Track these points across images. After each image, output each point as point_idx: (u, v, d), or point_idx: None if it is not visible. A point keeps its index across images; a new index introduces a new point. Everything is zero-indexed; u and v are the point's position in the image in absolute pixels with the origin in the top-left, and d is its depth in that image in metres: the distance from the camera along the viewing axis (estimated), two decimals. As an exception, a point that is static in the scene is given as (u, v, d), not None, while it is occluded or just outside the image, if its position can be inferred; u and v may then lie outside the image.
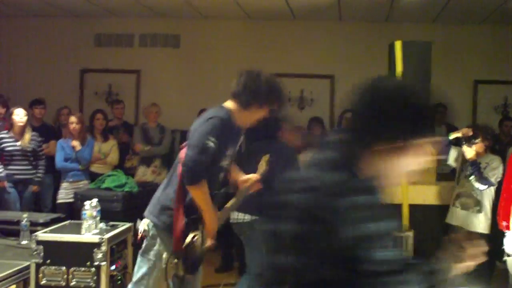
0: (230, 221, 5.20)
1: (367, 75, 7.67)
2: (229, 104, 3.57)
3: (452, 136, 5.93)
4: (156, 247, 3.54)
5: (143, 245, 3.61)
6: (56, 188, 7.28)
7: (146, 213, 3.66)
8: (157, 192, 3.71)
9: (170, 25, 9.73)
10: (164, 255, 3.51)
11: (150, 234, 3.56)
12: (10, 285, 3.98)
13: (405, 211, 6.03)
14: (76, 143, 7.05)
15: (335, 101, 9.42)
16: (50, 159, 7.25)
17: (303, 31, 9.54)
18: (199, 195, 3.41)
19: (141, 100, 9.64)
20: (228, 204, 3.89)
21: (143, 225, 3.59)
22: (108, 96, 9.76)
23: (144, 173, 7.61)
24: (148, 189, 5.91)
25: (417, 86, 1.81)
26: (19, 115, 6.98)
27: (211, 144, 3.33)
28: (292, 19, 9.39)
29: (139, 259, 3.63)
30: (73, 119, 7.15)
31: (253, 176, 3.99)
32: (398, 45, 6.13)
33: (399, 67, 6.16)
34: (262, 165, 4.09)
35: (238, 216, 5.05)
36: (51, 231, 4.40)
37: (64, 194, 7.01)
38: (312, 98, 9.55)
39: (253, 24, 9.60)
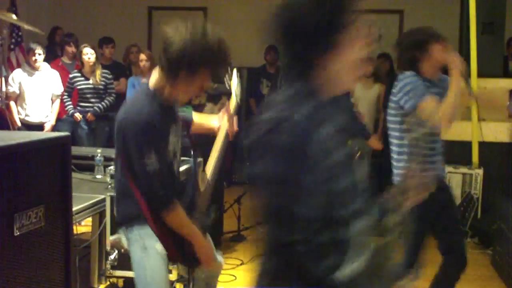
0: None
1: (437, 9, 7.55)
2: (155, 79, 2.85)
3: None
4: (140, 243, 2.82)
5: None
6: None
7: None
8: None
9: (236, -39, 9.66)
10: (155, 244, 2.81)
11: (128, 236, 2.88)
12: (87, 217, 4.16)
13: (475, 149, 5.93)
14: (146, 81, 7.17)
15: (405, 37, 9.20)
16: (121, 96, 7.40)
17: (372, -36, 9.29)
18: (176, 221, 2.75)
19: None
20: (210, 165, 3.17)
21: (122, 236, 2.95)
22: (176, 34, 9.82)
23: (212, 110, 7.66)
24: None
25: None
26: (88, 54, 7.11)
27: (153, 162, 2.63)
28: (361, -48, 9.14)
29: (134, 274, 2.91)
30: (143, 56, 7.25)
31: (222, 119, 3.24)
32: (472, -23, 5.91)
33: (472, 1, 5.96)
34: (232, 101, 3.25)
35: None
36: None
37: None
38: (380, 34, 9.33)
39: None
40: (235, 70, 3.39)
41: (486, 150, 6.00)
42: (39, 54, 6.88)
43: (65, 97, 7.20)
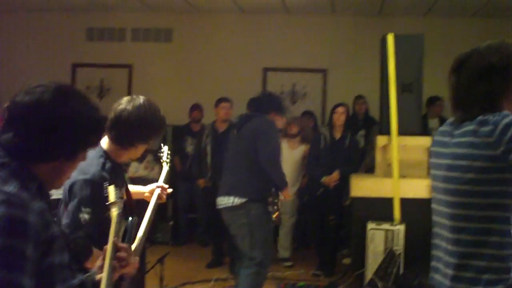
0: (219, 207, 5.13)
1: (360, 68, 7.73)
2: (105, 142, 3.04)
3: None
4: None
5: None
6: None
7: None
8: None
9: (162, 19, 9.70)
10: None
11: None
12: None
13: (397, 205, 6.02)
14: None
15: (328, 95, 9.41)
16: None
17: (296, 25, 9.52)
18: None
19: (133, 95, 9.58)
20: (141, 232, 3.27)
21: None
22: (100, 91, 9.73)
23: (137, 169, 7.60)
24: (141, 185, 5.85)
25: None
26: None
27: (86, 216, 2.78)
28: (286, 12, 9.36)
29: None
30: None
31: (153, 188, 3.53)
32: (390, 38, 6.11)
33: (391, 61, 6.15)
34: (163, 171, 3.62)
35: (228, 200, 5.01)
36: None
37: (55, 190, 6.96)
38: (304, 92, 9.53)
39: (246, 18, 9.57)
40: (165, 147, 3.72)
41: (407, 206, 6.10)
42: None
43: None
